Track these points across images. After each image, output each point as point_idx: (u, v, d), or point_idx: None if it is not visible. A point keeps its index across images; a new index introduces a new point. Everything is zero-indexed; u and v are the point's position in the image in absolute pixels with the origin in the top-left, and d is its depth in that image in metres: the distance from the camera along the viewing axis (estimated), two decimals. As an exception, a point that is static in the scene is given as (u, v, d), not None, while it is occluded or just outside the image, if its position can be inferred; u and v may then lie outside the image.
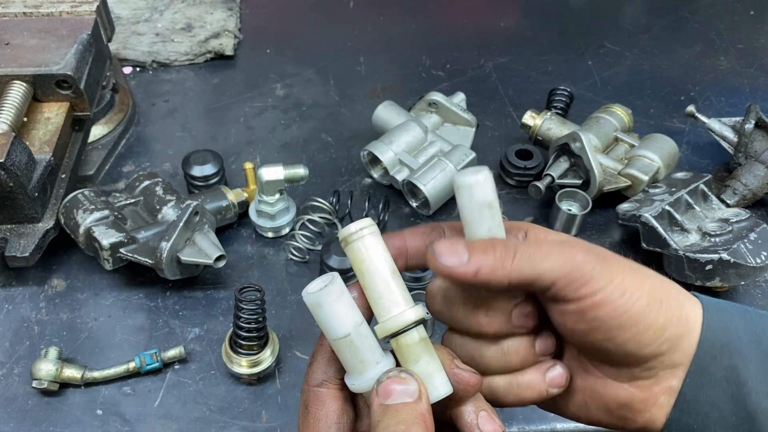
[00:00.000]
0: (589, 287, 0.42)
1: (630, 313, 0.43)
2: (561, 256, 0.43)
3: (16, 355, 0.79)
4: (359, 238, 0.43)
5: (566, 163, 0.94)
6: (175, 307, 0.84)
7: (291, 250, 0.89)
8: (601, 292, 0.42)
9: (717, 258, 0.80)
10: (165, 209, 0.83)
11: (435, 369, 0.44)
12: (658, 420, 0.47)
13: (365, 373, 0.43)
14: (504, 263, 0.42)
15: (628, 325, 0.43)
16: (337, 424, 0.45)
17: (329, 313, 0.42)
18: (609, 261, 0.44)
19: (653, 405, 0.46)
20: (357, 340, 0.42)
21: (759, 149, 0.96)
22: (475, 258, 0.42)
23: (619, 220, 0.90)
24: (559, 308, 0.44)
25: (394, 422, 0.40)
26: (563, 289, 0.43)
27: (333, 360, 0.46)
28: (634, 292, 0.43)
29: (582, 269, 0.42)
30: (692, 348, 0.44)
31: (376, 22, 1.32)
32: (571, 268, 0.42)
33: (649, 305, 0.43)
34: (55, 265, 0.87)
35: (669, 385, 0.45)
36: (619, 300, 0.42)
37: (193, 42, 1.19)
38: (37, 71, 0.84)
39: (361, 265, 0.44)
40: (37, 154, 0.81)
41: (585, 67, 1.24)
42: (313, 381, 0.47)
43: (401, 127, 0.97)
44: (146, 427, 0.74)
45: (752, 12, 1.39)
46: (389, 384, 0.42)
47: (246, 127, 1.09)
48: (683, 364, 0.45)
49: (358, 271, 0.44)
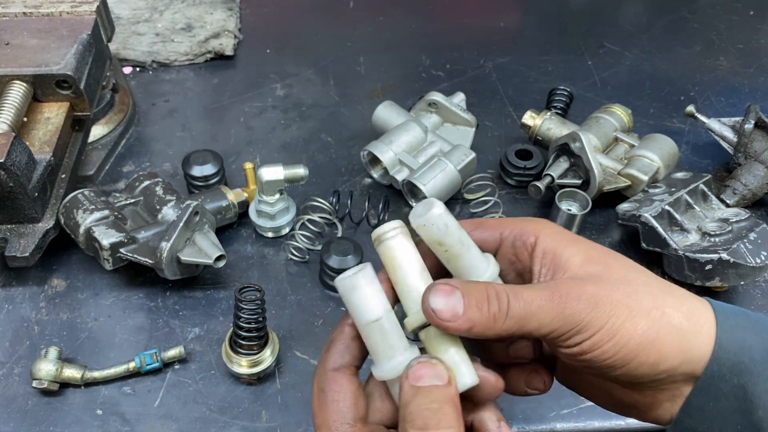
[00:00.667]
0: (579, 336, 0.44)
1: (619, 355, 0.44)
2: (551, 312, 0.43)
3: (16, 355, 0.79)
4: (393, 237, 0.47)
5: (566, 163, 0.94)
6: (175, 307, 0.84)
7: (291, 250, 0.89)
8: (591, 339, 0.44)
9: (717, 258, 0.80)
10: (165, 209, 0.83)
11: (462, 359, 0.46)
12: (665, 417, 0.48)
13: (395, 358, 0.45)
14: (497, 321, 0.43)
15: (619, 365, 0.44)
16: (354, 406, 0.46)
17: (364, 295, 0.44)
18: (602, 305, 0.44)
19: (658, 408, 0.47)
20: (388, 324, 0.45)
21: (759, 149, 0.96)
22: (468, 314, 0.43)
23: (619, 220, 0.90)
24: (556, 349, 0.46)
25: (427, 401, 0.41)
26: (556, 339, 0.44)
27: (351, 347, 0.48)
28: (623, 336, 0.43)
29: (573, 321, 0.43)
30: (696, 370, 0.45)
31: (376, 22, 1.32)
32: (561, 323, 0.43)
33: (640, 345, 0.44)
34: (55, 265, 0.88)
35: (673, 393, 0.46)
36: (607, 344, 0.43)
37: (193, 42, 1.19)
38: (37, 71, 0.84)
39: (393, 262, 0.47)
40: (37, 154, 0.81)
41: (585, 67, 1.24)
42: (330, 365, 0.48)
43: (401, 127, 0.97)
44: (146, 426, 0.74)
45: (752, 12, 1.39)
46: (420, 368, 0.43)
47: (246, 127, 1.09)
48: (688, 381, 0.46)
49: (390, 267, 0.47)
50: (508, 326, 0.43)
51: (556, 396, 0.76)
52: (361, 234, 0.93)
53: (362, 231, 0.94)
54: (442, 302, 0.43)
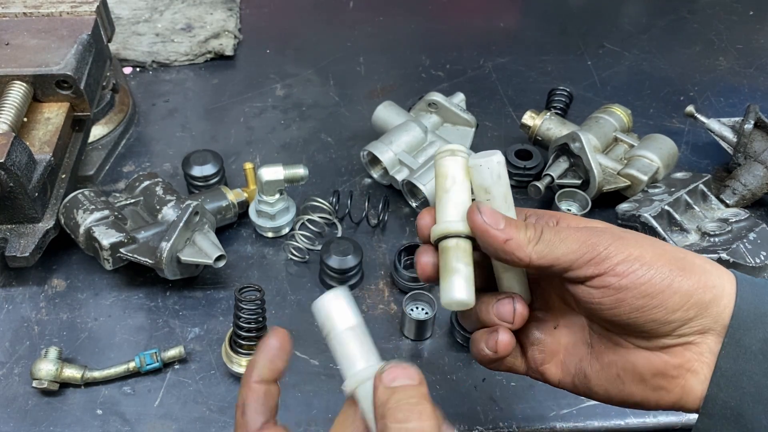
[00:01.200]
0: (607, 262, 0.45)
1: (653, 281, 0.45)
2: (577, 239, 0.46)
3: (16, 355, 0.79)
4: (460, 156, 0.51)
5: (566, 163, 0.95)
6: (175, 307, 0.84)
7: (291, 250, 0.89)
8: (621, 264, 0.45)
9: (716, 258, 0.80)
10: (165, 209, 0.83)
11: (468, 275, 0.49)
12: (694, 390, 0.47)
13: (369, 360, 0.46)
14: (529, 243, 0.46)
15: (653, 293, 0.45)
16: None
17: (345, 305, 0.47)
18: (626, 238, 0.46)
19: (687, 371, 0.47)
20: (362, 332, 0.47)
21: (758, 149, 0.96)
22: (508, 229, 0.47)
23: (619, 220, 0.91)
24: (582, 288, 0.47)
25: (405, 397, 0.42)
26: (582, 268, 0.46)
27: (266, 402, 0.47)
28: (654, 262, 0.45)
29: (597, 248, 0.45)
30: (723, 314, 0.46)
31: (376, 22, 1.32)
32: (587, 248, 0.45)
33: (671, 271, 0.45)
34: (55, 265, 0.88)
35: (701, 350, 0.46)
36: (639, 270, 0.45)
37: (193, 42, 1.20)
38: (38, 71, 0.84)
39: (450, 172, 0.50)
40: (37, 154, 0.81)
41: (584, 67, 1.24)
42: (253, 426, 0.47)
43: (401, 127, 0.97)
44: (146, 426, 0.74)
45: (751, 12, 1.39)
46: (393, 370, 0.44)
47: (246, 128, 1.09)
48: (714, 329, 0.46)
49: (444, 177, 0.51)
50: (539, 249, 0.46)
51: (556, 396, 0.76)
52: (361, 234, 0.93)
53: (362, 231, 0.94)
54: (488, 213, 0.47)
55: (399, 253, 0.86)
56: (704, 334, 0.46)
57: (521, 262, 0.47)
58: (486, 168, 0.48)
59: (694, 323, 0.46)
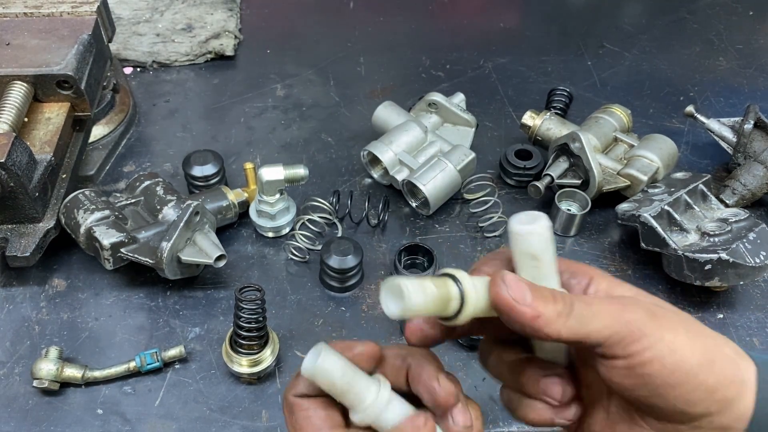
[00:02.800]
0: (638, 344, 0.42)
1: (680, 372, 0.42)
2: (611, 315, 0.43)
3: (16, 355, 0.79)
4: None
5: (566, 163, 0.95)
6: (175, 306, 0.84)
7: (291, 250, 0.89)
8: (651, 349, 0.42)
9: (716, 258, 0.80)
10: (165, 209, 0.83)
11: None
12: None
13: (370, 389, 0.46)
14: (559, 318, 0.42)
15: (677, 384, 0.43)
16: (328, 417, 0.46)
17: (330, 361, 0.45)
18: (660, 318, 0.43)
19: None
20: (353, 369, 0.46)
21: (758, 149, 0.96)
22: (536, 303, 0.42)
23: (619, 220, 0.91)
24: (607, 364, 0.44)
25: None
26: (612, 347, 0.43)
27: None
28: (684, 351, 0.43)
29: (631, 327, 0.42)
30: (745, 413, 0.44)
31: (376, 22, 1.32)
32: (620, 327, 0.42)
33: (700, 364, 0.43)
34: (55, 265, 0.88)
35: None
36: (668, 358, 0.42)
37: (194, 42, 1.20)
38: (38, 71, 0.84)
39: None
40: (37, 154, 0.82)
41: (584, 67, 1.24)
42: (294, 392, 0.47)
43: (401, 127, 0.97)
44: (147, 426, 0.74)
45: (751, 12, 1.39)
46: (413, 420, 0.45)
47: (246, 128, 1.09)
48: (734, 428, 0.44)
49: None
50: (570, 325, 0.43)
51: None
52: (361, 234, 0.94)
53: (362, 231, 0.94)
54: (513, 284, 0.43)
55: (399, 253, 0.86)
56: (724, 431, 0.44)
57: (548, 337, 0.43)
58: (537, 235, 0.44)
59: (714, 419, 0.44)
